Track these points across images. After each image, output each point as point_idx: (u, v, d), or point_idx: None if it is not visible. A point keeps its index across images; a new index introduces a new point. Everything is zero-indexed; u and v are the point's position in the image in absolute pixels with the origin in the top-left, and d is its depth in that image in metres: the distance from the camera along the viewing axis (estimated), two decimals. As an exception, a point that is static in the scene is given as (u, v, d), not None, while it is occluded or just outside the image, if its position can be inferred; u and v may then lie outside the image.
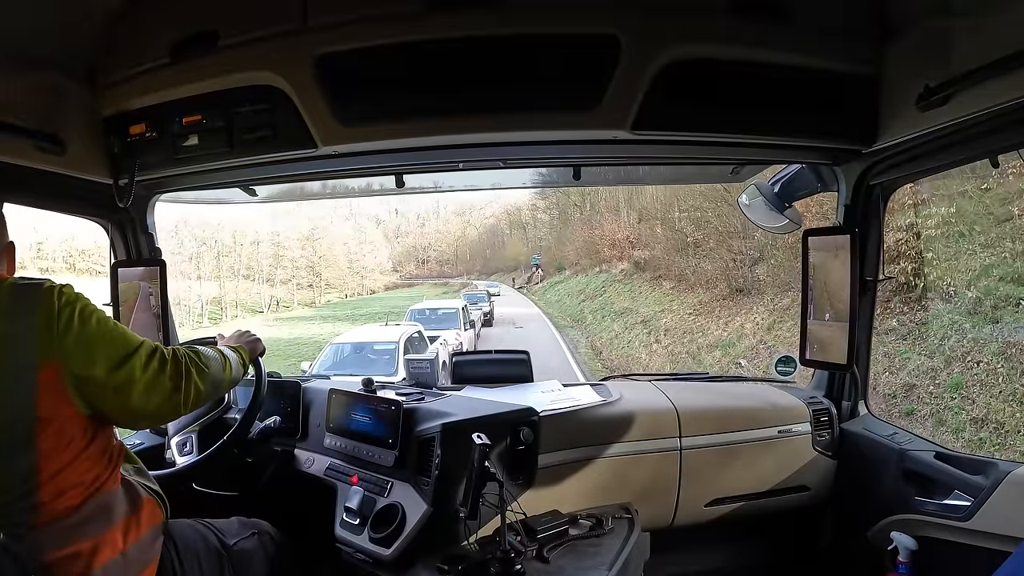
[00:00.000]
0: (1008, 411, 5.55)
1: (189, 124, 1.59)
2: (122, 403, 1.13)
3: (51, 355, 1.05)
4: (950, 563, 1.61)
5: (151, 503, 1.24)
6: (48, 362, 1.04)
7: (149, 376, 1.15)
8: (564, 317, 24.09)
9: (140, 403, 1.14)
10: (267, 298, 45.55)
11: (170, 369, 1.18)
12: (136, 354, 1.14)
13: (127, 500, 1.17)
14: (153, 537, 1.21)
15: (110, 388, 1.10)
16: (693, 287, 15.29)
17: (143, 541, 1.18)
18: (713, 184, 11.37)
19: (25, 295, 1.08)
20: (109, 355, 1.10)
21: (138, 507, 1.19)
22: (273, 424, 1.87)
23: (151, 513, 1.22)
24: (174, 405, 1.20)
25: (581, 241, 31.16)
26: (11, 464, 1.02)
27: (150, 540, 1.20)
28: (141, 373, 1.13)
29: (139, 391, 1.13)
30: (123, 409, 1.14)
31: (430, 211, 78.76)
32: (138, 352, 1.15)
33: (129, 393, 1.12)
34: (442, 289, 49.58)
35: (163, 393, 1.17)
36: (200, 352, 1.29)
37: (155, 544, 1.21)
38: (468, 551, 1.51)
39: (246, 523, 1.53)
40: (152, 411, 1.17)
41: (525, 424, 1.65)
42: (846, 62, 1.48)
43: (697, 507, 1.94)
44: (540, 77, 1.44)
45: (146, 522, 1.19)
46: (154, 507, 1.24)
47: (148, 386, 1.14)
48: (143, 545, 1.17)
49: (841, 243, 1.84)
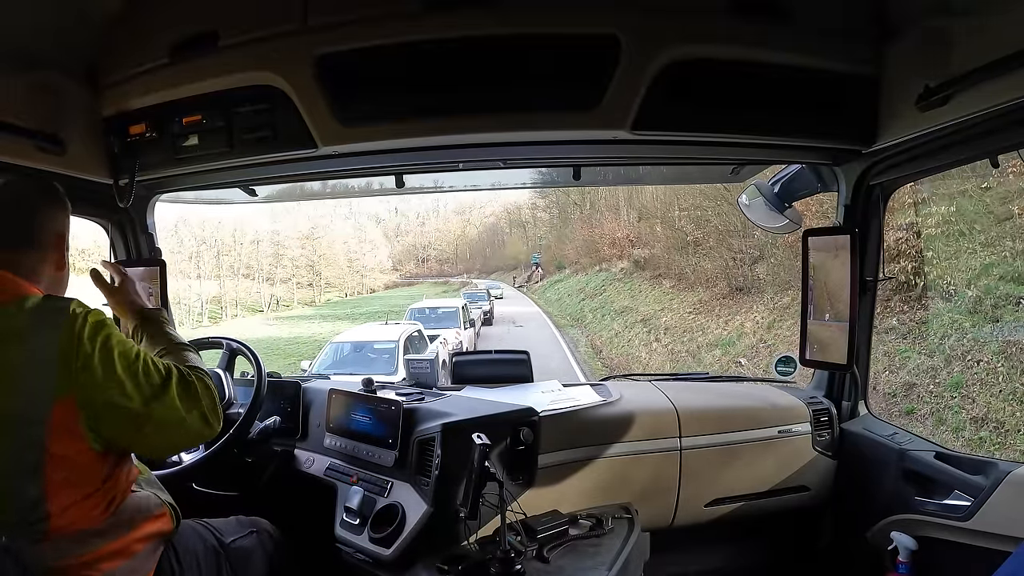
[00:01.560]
0: (1008, 410, 5.55)
1: (189, 124, 1.59)
2: (143, 439, 1.09)
3: (68, 388, 0.99)
4: (950, 563, 1.61)
5: (162, 514, 1.21)
6: (64, 396, 0.98)
7: (174, 416, 1.09)
8: (564, 316, 24.10)
9: (163, 440, 1.11)
10: (267, 297, 45.59)
11: (199, 402, 1.13)
12: (165, 393, 1.08)
13: (138, 512, 1.15)
14: (160, 544, 1.20)
15: (131, 423, 1.04)
16: (693, 286, 15.30)
17: (151, 547, 1.17)
18: (713, 184, 11.36)
19: (47, 317, 1.02)
20: (131, 391, 1.04)
21: (149, 518, 1.17)
22: (273, 424, 1.87)
23: (162, 523, 1.20)
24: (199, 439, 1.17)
25: (581, 240, 31.20)
26: (20, 490, 0.98)
27: (156, 546, 1.19)
28: (165, 412, 1.08)
29: (162, 430, 1.09)
30: (144, 445, 1.11)
31: (430, 210, 78.89)
32: (167, 390, 1.08)
33: (150, 432, 1.07)
34: (442, 288, 49.61)
35: (188, 430, 1.12)
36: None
37: (159, 549, 1.20)
38: (468, 551, 1.51)
39: (244, 521, 1.52)
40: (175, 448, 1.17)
41: (525, 424, 1.65)
42: (846, 62, 1.48)
43: (697, 507, 1.94)
44: (540, 77, 1.43)
45: (155, 532, 1.18)
46: (165, 517, 1.21)
47: (173, 426, 1.10)
48: (151, 549, 1.17)
49: (841, 243, 1.84)
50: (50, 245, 1.15)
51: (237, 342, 1.91)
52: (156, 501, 1.21)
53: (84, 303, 1.07)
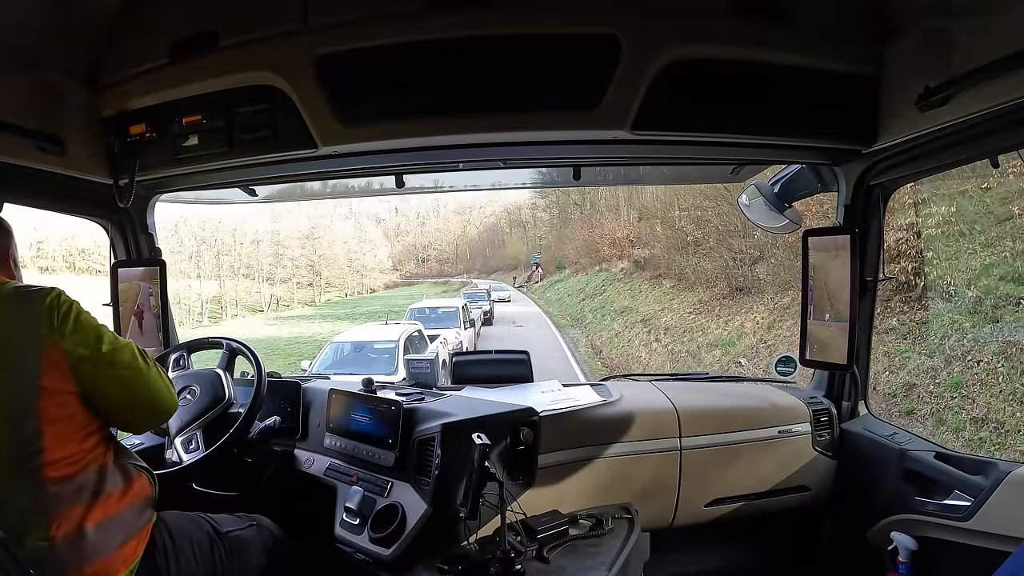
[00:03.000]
0: (1008, 410, 5.55)
1: (189, 124, 1.59)
2: (127, 388, 1.24)
3: (53, 335, 1.15)
4: (950, 563, 1.61)
5: (140, 477, 1.31)
6: (50, 340, 1.14)
7: (143, 369, 1.26)
8: (564, 316, 24.10)
9: (142, 394, 1.26)
10: (267, 297, 45.60)
11: (157, 367, 1.31)
12: (126, 347, 1.25)
13: (118, 474, 1.25)
14: (144, 506, 1.28)
15: (105, 363, 1.20)
16: (693, 286, 15.29)
17: (136, 507, 1.26)
18: (713, 184, 11.37)
19: (27, 293, 1.19)
20: (102, 343, 1.21)
21: (129, 480, 1.26)
22: (273, 424, 1.87)
23: (141, 485, 1.30)
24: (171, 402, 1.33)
25: (581, 240, 31.19)
26: (17, 428, 1.11)
27: (141, 507, 1.27)
28: (134, 362, 1.25)
29: (138, 381, 1.25)
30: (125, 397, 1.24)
31: (430, 210, 78.82)
32: (128, 346, 1.26)
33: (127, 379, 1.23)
34: (442, 288, 49.61)
35: (160, 388, 1.30)
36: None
37: (145, 512, 1.28)
38: (468, 551, 1.51)
39: (244, 516, 1.55)
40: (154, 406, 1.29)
41: (525, 424, 1.65)
42: (846, 62, 1.48)
43: (697, 507, 1.94)
44: (540, 77, 1.44)
45: (138, 492, 1.27)
46: (144, 480, 1.31)
47: (144, 378, 1.26)
48: (136, 510, 1.25)
49: (841, 243, 1.84)
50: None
51: (237, 342, 1.91)
52: (132, 467, 1.31)
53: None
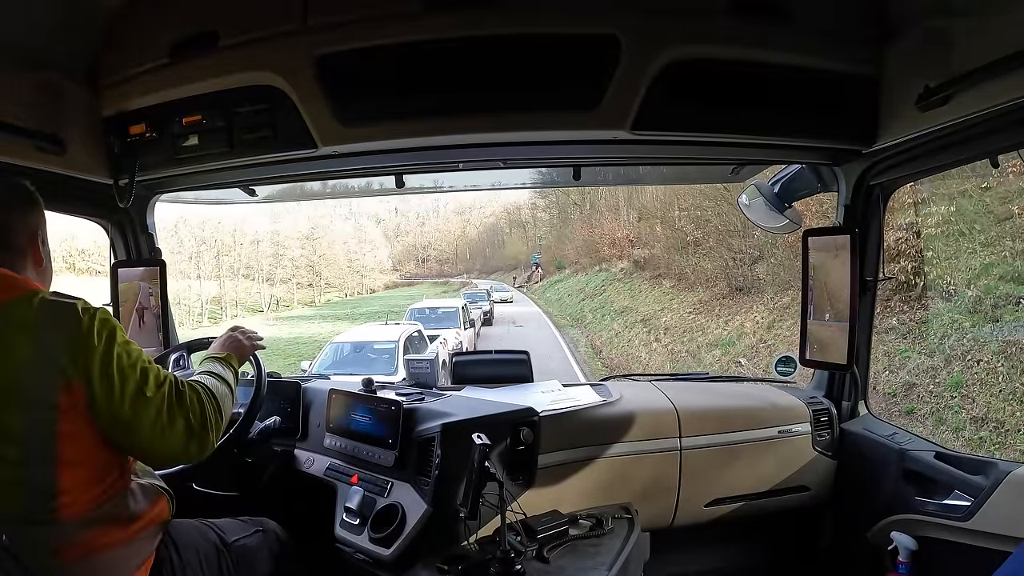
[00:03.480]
0: (1008, 410, 5.55)
1: (189, 124, 1.59)
2: (132, 440, 1.11)
3: (76, 376, 1.04)
4: (950, 563, 1.61)
5: (160, 500, 1.26)
6: (73, 382, 1.04)
7: (164, 416, 1.13)
8: (564, 316, 24.11)
9: (150, 441, 1.12)
10: (267, 297, 45.59)
11: (187, 413, 1.16)
12: (158, 396, 1.12)
13: (138, 497, 1.19)
14: (157, 530, 1.23)
15: (121, 422, 1.08)
16: (693, 286, 15.30)
17: (151, 531, 1.20)
18: (713, 184, 11.37)
19: (56, 313, 1.07)
20: (128, 389, 1.09)
21: (149, 503, 1.21)
22: (273, 424, 1.87)
23: (160, 509, 1.24)
24: (186, 450, 1.17)
25: (581, 240, 31.20)
26: (33, 473, 1.03)
27: (154, 532, 1.22)
28: (156, 415, 1.12)
29: (151, 430, 1.12)
30: (132, 445, 1.13)
31: (430, 210, 78.87)
32: (160, 395, 1.13)
33: (139, 431, 1.11)
34: (442, 288, 49.64)
35: (177, 436, 1.15)
36: (217, 396, 1.26)
37: (156, 536, 1.23)
38: (468, 551, 1.51)
39: (249, 521, 1.53)
40: (162, 451, 1.16)
41: (525, 424, 1.65)
42: (846, 62, 1.48)
43: (697, 507, 1.94)
44: (540, 77, 1.43)
45: (155, 517, 1.22)
46: (162, 503, 1.26)
47: (160, 427, 1.12)
48: (151, 533, 1.20)
49: (841, 243, 1.84)
50: (26, 244, 1.16)
51: None
52: (152, 488, 1.25)
53: (89, 303, 1.11)
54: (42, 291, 1.10)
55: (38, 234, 1.18)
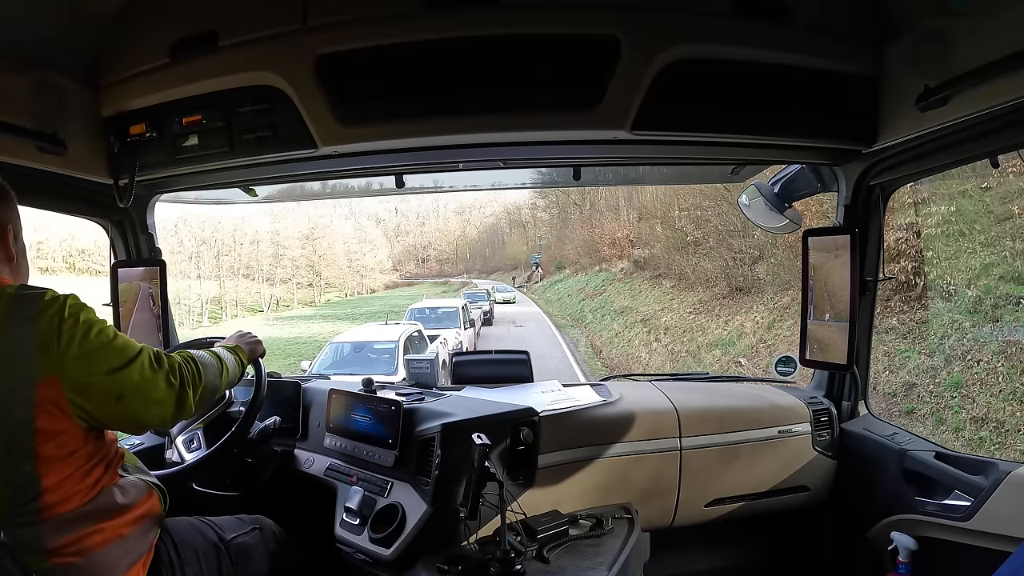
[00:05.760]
0: (1008, 410, 5.55)
1: (189, 124, 1.59)
2: (121, 410, 1.11)
3: (50, 369, 1.03)
4: (950, 563, 1.61)
5: (150, 495, 1.25)
6: (47, 377, 1.03)
7: (148, 383, 1.14)
8: (564, 316, 24.12)
9: (139, 409, 1.13)
10: (267, 297, 45.63)
11: (169, 376, 1.17)
12: (136, 361, 1.13)
13: (128, 492, 1.19)
14: (151, 526, 1.23)
15: (111, 393, 1.09)
16: (693, 286, 15.30)
17: (144, 526, 1.20)
18: (713, 184, 11.37)
19: (26, 306, 1.05)
20: (109, 363, 1.09)
21: (137, 499, 1.20)
22: (273, 424, 1.87)
23: (151, 504, 1.24)
24: (172, 412, 1.19)
25: (581, 240, 31.24)
26: (13, 472, 1.02)
27: (148, 528, 1.22)
28: (140, 380, 1.12)
29: (138, 398, 1.12)
30: (122, 416, 1.14)
31: (430, 210, 78.95)
32: (139, 359, 1.13)
33: (128, 400, 1.11)
34: (442, 288, 49.63)
35: (161, 400, 1.16)
36: (197, 359, 1.28)
37: (153, 530, 1.23)
38: (468, 551, 1.51)
39: (247, 519, 1.53)
40: (150, 418, 1.17)
41: (525, 424, 1.65)
42: (846, 62, 1.48)
43: (697, 507, 1.94)
44: (540, 77, 1.44)
45: (145, 512, 1.21)
46: (153, 498, 1.25)
47: (147, 393, 1.13)
48: (144, 528, 1.20)
49: (841, 243, 1.84)
50: None
51: None
52: (142, 484, 1.24)
53: (57, 291, 1.10)
54: (9, 286, 1.08)
55: (8, 228, 1.16)
